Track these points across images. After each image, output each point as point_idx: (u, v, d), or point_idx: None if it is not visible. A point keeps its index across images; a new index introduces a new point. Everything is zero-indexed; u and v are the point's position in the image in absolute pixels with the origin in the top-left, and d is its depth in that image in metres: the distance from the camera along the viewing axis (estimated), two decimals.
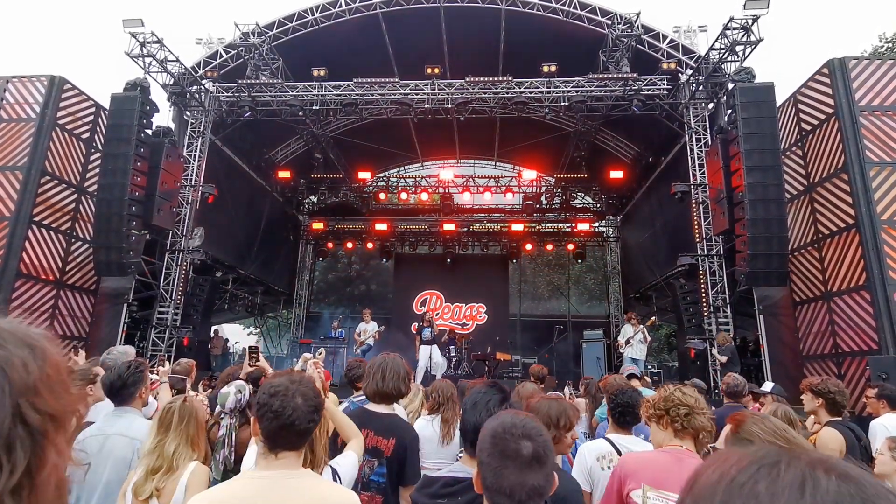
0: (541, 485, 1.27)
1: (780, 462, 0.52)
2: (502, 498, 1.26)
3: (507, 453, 1.28)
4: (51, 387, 0.62)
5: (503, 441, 1.30)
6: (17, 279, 9.35)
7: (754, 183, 9.25)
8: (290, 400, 1.64)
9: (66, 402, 0.64)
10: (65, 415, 0.63)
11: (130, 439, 2.56)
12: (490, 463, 1.29)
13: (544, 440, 1.33)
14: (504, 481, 1.25)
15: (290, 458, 1.65)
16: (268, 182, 17.58)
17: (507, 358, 14.87)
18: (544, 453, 1.30)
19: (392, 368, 2.76)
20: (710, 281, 11.16)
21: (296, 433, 1.64)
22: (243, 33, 12.01)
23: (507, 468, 1.26)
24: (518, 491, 1.24)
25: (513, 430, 1.32)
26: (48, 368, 0.62)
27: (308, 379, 1.79)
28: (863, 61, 9.30)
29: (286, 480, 1.60)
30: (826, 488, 0.48)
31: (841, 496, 0.48)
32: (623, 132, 16.66)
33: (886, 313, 7.94)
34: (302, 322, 20.48)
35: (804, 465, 0.51)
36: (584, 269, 23.03)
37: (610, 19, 11.62)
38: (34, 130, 9.89)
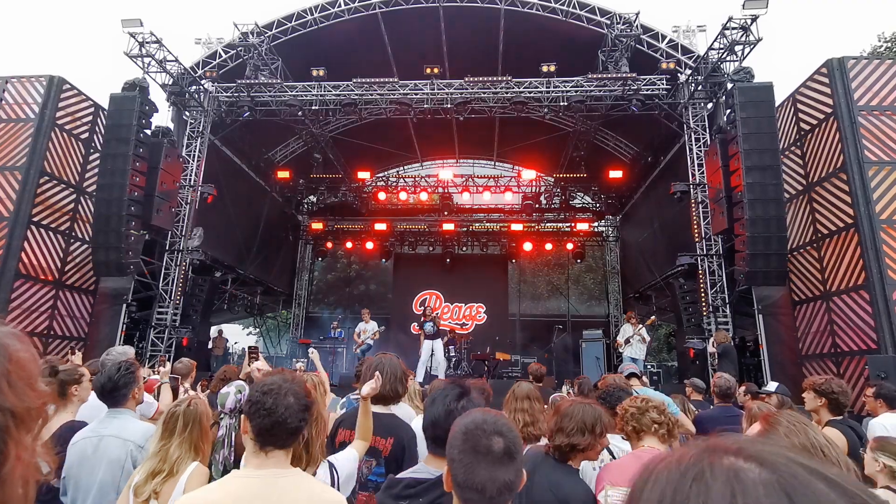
0: (511, 480, 1.28)
1: (703, 471, 0.51)
2: (473, 494, 1.26)
3: (479, 449, 1.29)
4: (12, 383, 0.62)
5: (475, 437, 1.31)
6: (15, 279, 9.34)
7: (753, 183, 9.26)
8: (282, 398, 1.65)
9: (29, 398, 0.64)
10: (27, 411, 0.63)
11: (124, 441, 2.56)
12: (462, 459, 1.30)
13: (514, 436, 1.35)
14: (476, 477, 1.26)
15: (279, 457, 1.66)
16: (267, 182, 17.58)
17: (506, 358, 14.88)
18: (515, 449, 1.31)
19: (389, 370, 2.75)
20: (710, 280, 11.17)
21: (286, 431, 1.64)
22: (242, 33, 12.00)
23: (479, 464, 1.27)
24: (490, 487, 1.25)
25: (484, 427, 1.32)
26: (9, 365, 0.62)
27: (300, 379, 1.79)
28: (862, 61, 9.31)
29: (278, 479, 1.60)
30: (755, 492, 0.47)
31: (769, 497, 0.47)
32: (622, 132, 16.66)
33: (885, 313, 7.95)
34: (301, 322, 20.48)
35: (726, 469, 0.50)
36: (584, 269, 23.00)
37: (609, 19, 11.63)
38: (33, 130, 9.88)
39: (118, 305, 10.75)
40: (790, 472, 0.48)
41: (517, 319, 20.17)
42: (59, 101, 10.29)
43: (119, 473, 2.48)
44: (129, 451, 2.53)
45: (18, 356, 0.64)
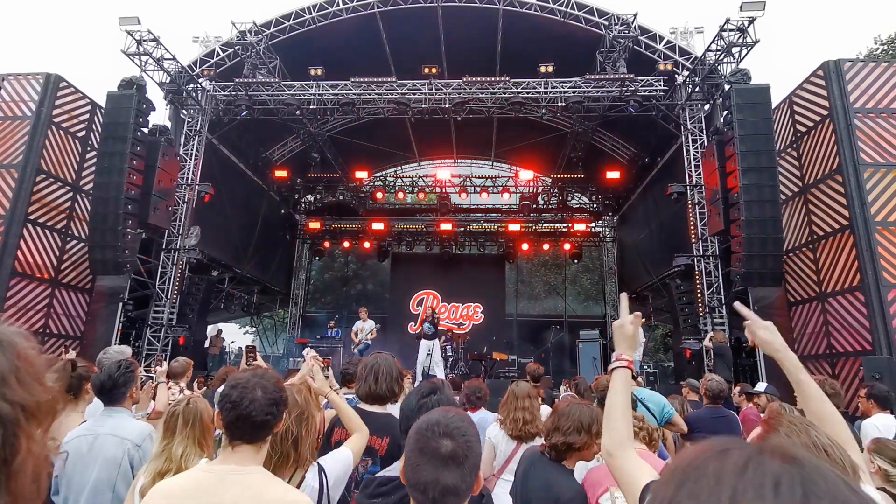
0: (456, 484, 1.25)
1: (730, 448, 0.56)
2: (418, 493, 1.26)
3: (426, 450, 1.28)
4: (21, 379, 0.63)
5: (424, 438, 1.31)
6: (11, 277, 9.31)
7: (750, 184, 9.29)
8: (249, 392, 1.66)
9: (38, 394, 0.66)
10: (37, 406, 0.65)
11: (121, 439, 2.55)
12: (410, 458, 1.30)
13: (466, 440, 1.31)
14: (420, 477, 1.25)
15: (245, 452, 1.66)
16: (264, 181, 17.56)
17: (503, 358, 14.90)
18: (463, 453, 1.29)
19: (385, 370, 2.75)
20: (706, 281, 11.21)
21: (251, 425, 1.65)
22: (240, 32, 11.98)
23: (425, 464, 1.26)
24: (431, 488, 1.24)
25: (435, 428, 1.32)
26: (18, 362, 0.64)
27: (274, 375, 1.79)
28: (858, 63, 9.35)
29: (231, 476, 1.60)
30: (769, 467, 0.52)
31: (782, 473, 0.51)
32: (620, 133, 16.70)
33: (880, 314, 7.99)
34: (298, 322, 20.46)
35: (752, 450, 0.55)
36: (581, 270, 23.07)
37: (607, 20, 11.65)
38: (29, 128, 9.85)
39: (114, 304, 10.72)
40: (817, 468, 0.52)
41: (514, 319, 20.19)
42: (56, 99, 10.25)
43: (115, 472, 2.47)
44: (126, 450, 2.52)
45: (27, 353, 0.67)
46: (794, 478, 0.50)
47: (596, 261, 22.12)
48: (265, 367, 2.16)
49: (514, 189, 18.87)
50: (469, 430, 1.35)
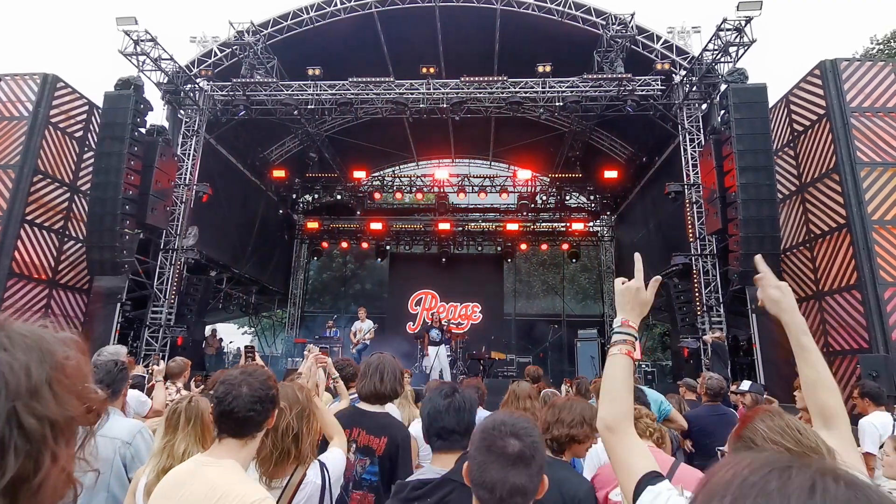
0: (524, 484, 1.27)
1: (791, 467, 0.55)
2: (484, 492, 1.27)
3: (493, 449, 1.29)
4: (55, 392, 0.61)
5: (491, 437, 1.32)
6: (9, 278, 9.29)
7: (747, 183, 9.32)
8: (234, 388, 1.73)
9: (71, 408, 0.63)
10: (67, 421, 0.63)
11: (111, 439, 2.58)
12: (476, 457, 1.31)
13: (533, 441, 1.32)
14: (487, 476, 1.27)
15: (230, 446, 1.74)
16: (262, 181, 17.54)
17: (501, 357, 14.90)
18: (531, 454, 1.30)
19: (390, 370, 2.77)
20: (704, 280, 11.24)
21: (235, 420, 1.71)
22: (238, 32, 11.97)
23: (492, 464, 1.27)
24: (500, 487, 1.25)
25: (502, 427, 1.33)
26: (56, 374, 0.62)
27: (263, 373, 1.85)
28: (854, 63, 9.39)
29: (204, 467, 1.68)
30: (835, 493, 0.51)
31: (849, 499, 0.50)
32: (617, 132, 16.73)
33: (877, 312, 8.02)
34: (297, 321, 20.45)
35: (814, 471, 0.54)
36: (579, 269, 23.09)
37: (604, 20, 11.67)
38: (27, 129, 9.83)
39: (112, 304, 10.70)
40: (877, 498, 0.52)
41: (512, 319, 20.21)
42: (53, 100, 10.23)
43: (108, 472, 2.51)
44: (116, 449, 2.56)
45: (65, 363, 0.64)
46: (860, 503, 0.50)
47: (594, 260, 22.14)
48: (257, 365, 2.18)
49: (513, 189, 18.89)
50: (535, 432, 1.36)
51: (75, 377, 0.65)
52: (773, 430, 1.42)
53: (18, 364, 0.60)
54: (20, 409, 0.58)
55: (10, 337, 0.62)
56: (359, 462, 2.46)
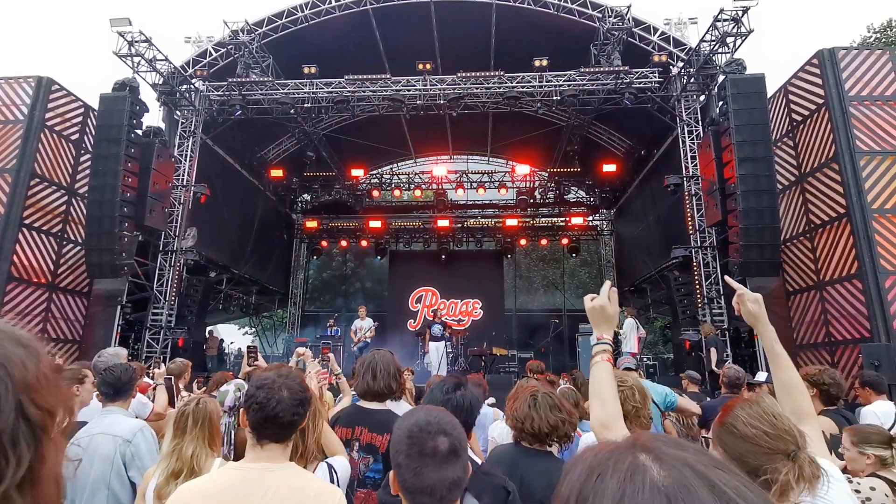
0: (459, 476, 1.28)
1: (608, 467, 0.56)
2: (424, 497, 1.25)
3: (426, 451, 1.28)
4: (46, 384, 0.64)
5: (420, 440, 1.30)
6: (8, 283, 9.27)
7: (746, 174, 9.29)
8: (275, 392, 1.69)
9: (61, 399, 0.66)
10: (50, 419, 0.65)
11: (113, 437, 2.61)
12: (408, 464, 1.28)
13: (458, 433, 1.33)
14: (425, 480, 1.25)
15: (274, 451, 1.69)
16: (260, 181, 17.51)
17: (503, 353, 14.89)
18: (460, 445, 1.31)
19: (382, 366, 2.75)
20: (704, 272, 11.23)
21: (279, 425, 1.68)
22: (233, 31, 11.92)
23: (427, 466, 1.26)
24: (439, 487, 1.24)
25: (428, 428, 1.31)
26: (42, 367, 0.65)
27: (296, 373, 1.81)
28: (852, 51, 9.35)
29: (268, 473, 1.63)
30: (642, 495, 0.51)
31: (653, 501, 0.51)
32: (615, 126, 16.69)
33: (878, 301, 8.01)
34: (297, 321, 20.45)
35: (627, 467, 0.54)
36: (579, 263, 23.08)
37: (601, 12, 11.62)
38: (22, 132, 9.79)
39: (112, 307, 10.69)
40: (680, 476, 0.51)
41: (513, 315, 20.21)
42: (49, 102, 10.18)
43: (109, 469, 2.53)
44: (116, 446, 2.58)
45: (48, 359, 0.67)
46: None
47: (594, 254, 22.13)
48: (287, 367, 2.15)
49: (511, 184, 18.86)
50: (456, 422, 1.37)
51: (53, 370, 0.68)
52: (752, 416, 1.54)
53: (17, 358, 0.62)
54: (24, 400, 0.60)
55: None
56: (362, 460, 2.45)
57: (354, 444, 2.51)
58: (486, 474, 1.85)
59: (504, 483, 1.82)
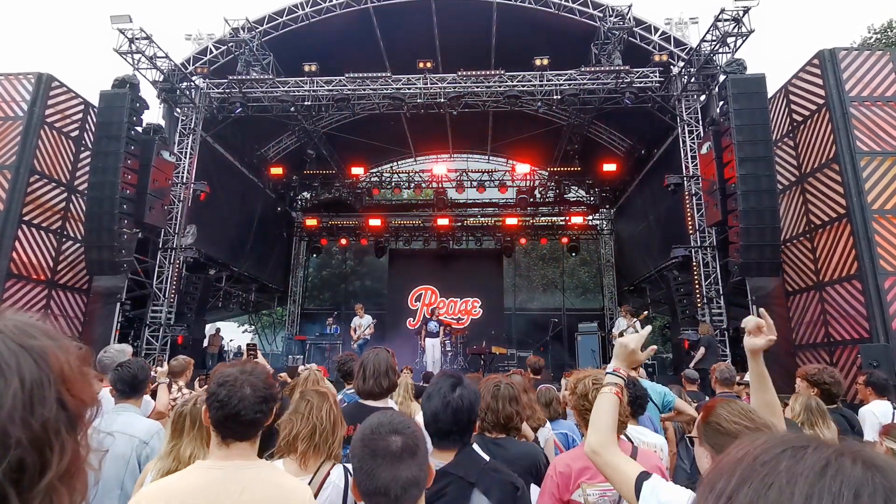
0: (415, 475, 1.26)
1: (807, 446, 0.52)
2: (379, 498, 1.24)
3: (377, 451, 1.27)
4: (79, 376, 0.65)
5: (372, 441, 1.29)
6: (7, 279, 9.27)
7: (746, 174, 9.30)
8: (237, 390, 1.62)
9: (90, 390, 0.67)
10: (83, 412, 0.66)
11: (130, 437, 2.60)
12: (362, 466, 1.28)
13: (412, 431, 1.32)
14: (378, 480, 1.24)
15: (243, 449, 1.64)
16: (260, 179, 17.49)
17: (502, 352, 14.91)
18: (414, 444, 1.29)
19: (373, 366, 2.77)
20: (704, 272, 11.23)
21: (241, 423, 1.61)
22: (233, 29, 11.90)
23: (379, 467, 1.25)
24: (393, 487, 1.23)
25: (380, 429, 1.31)
26: (73, 359, 0.65)
27: (261, 369, 1.74)
28: (853, 52, 9.36)
29: (242, 471, 1.59)
30: (849, 473, 0.48)
31: (864, 481, 0.47)
32: (616, 125, 16.68)
33: (877, 302, 8.03)
34: (297, 319, 20.45)
35: (832, 452, 0.50)
36: (579, 263, 23.08)
37: (601, 12, 11.61)
38: (22, 129, 9.78)
39: (112, 304, 10.70)
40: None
41: (512, 313, 20.21)
42: (49, 99, 10.18)
43: (124, 469, 2.51)
44: (133, 447, 2.57)
45: (77, 351, 0.67)
46: (876, 488, 0.46)
47: (594, 254, 22.13)
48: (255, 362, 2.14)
49: (511, 183, 18.83)
50: (413, 424, 1.35)
51: (82, 362, 0.68)
52: (733, 413, 1.63)
53: (52, 350, 0.62)
54: (62, 392, 0.60)
55: (23, 327, 0.63)
56: None
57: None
58: (494, 471, 1.83)
59: (513, 479, 1.81)
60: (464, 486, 1.71)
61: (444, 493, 1.69)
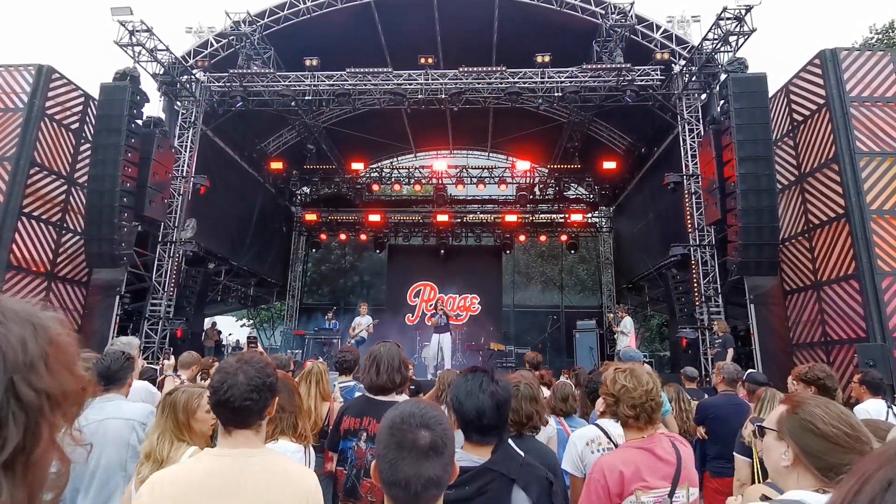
0: (438, 475, 1.23)
1: None
2: (398, 491, 1.22)
3: (404, 444, 1.24)
4: (50, 366, 0.62)
5: (400, 432, 1.26)
6: (7, 271, 9.25)
7: (746, 173, 9.32)
8: (229, 377, 1.66)
9: (66, 382, 0.64)
10: (63, 395, 0.64)
11: (126, 420, 2.63)
12: (386, 455, 1.25)
13: (443, 429, 1.28)
14: (400, 473, 1.21)
15: (246, 436, 1.67)
16: (260, 173, 17.47)
17: (500, 348, 14.97)
18: (443, 442, 1.26)
19: (386, 360, 2.77)
20: (702, 271, 11.27)
21: (231, 410, 1.65)
22: (234, 22, 11.86)
23: (404, 459, 1.22)
24: (414, 482, 1.20)
25: (410, 420, 1.27)
26: (49, 348, 0.63)
27: (259, 359, 1.77)
28: (854, 52, 9.37)
29: (248, 458, 1.63)
30: None
31: None
32: (616, 123, 16.68)
33: (874, 302, 8.07)
34: (295, 314, 20.46)
35: None
36: (577, 260, 23.13)
37: (604, 9, 11.59)
38: (22, 120, 9.74)
39: (111, 297, 10.69)
40: None
41: (511, 310, 20.26)
42: (49, 91, 10.13)
43: (126, 453, 2.55)
44: (132, 428, 2.61)
45: (59, 339, 0.65)
46: None
47: (592, 251, 22.17)
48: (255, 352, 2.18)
49: (511, 180, 18.84)
50: (444, 420, 1.32)
51: (68, 353, 0.66)
52: (832, 416, 1.52)
53: (15, 337, 0.60)
54: (17, 381, 0.59)
55: (3, 312, 0.62)
56: (369, 450, 2.48)
57: (362, 434, 2.54)
58: (530, 466, 1.81)
59: (546, 474, 1.80)
60: (505, 482, 1.70)
61: (486, 489, 1.67)
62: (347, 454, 2.56)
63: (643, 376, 2.17)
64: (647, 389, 2.13)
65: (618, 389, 2.15)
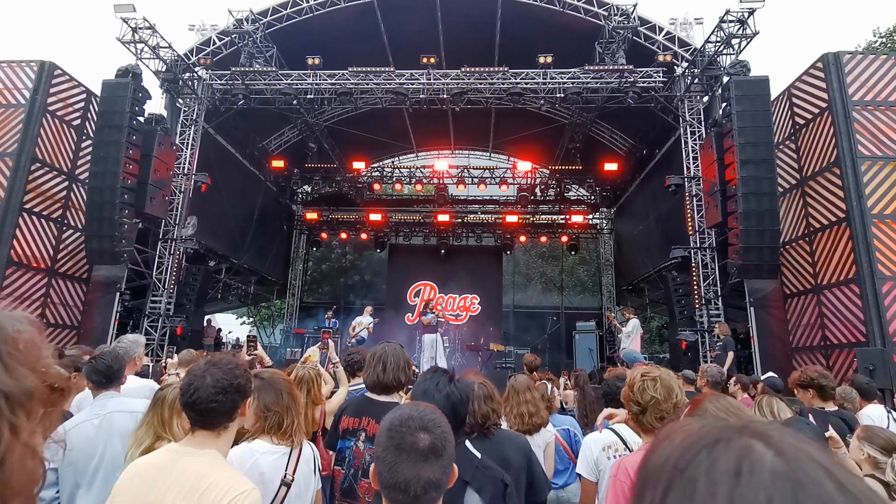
0: (437, 478, 1.23)
1: (719, 441, 0.51)
2: (397, 493, 1.21)
3: (403, 446, 1.24)
4: (8, 365, 0.61)
5: (399, 434, 1.26)
6: (7, 267, 9.26)
7: (747, 176, 9.30)
8: (196, 380, 1.70)
9: (26, 381, 0.63)
10: (24, 394, 0.62)
11: (130, 413, 2.64)
12: (385, 457, 1.24)
13: (442, 432, 1.28)
14: (399, 476, 1.21)
15: (204, 437, 1.71)
16: (261, 171, 17.47)
17: (500, 349, 14.97)
18: (442, 445, 1.26)
19: (392, 359, 2.75)
20: (703, 273, 11.25)
21: (197, 412, 1.69)
22: (237, 20, 11.86)
23: (403, 462, 1.22)
24: (413, 485, 1.20)
25: (409, 423, 1.27)
26: (7, 347, 0.62)
27: (228, 361, 1.79)
28: (857, 56, 9.35)
29: (185, 458, 1.66)
30: (764, 466, 0.48)
31: (777, 477, 0.47)
32: (618, 124, 16.67)
33: (875, 306, 8.06)
34: (295, 312, 20.47)
35: (741, 447, 0.50)
36: (578, 261, 23.13)
37: (606, 10, 11.58)
38: (24, 116, 9.76)
39: (111, 294, 10.70)
40: (805, 467, 0.47)
41: (511, 311, 20.25)
42: (51, 87, 10.15)
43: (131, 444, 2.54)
44: (138, 421, 2.60)
45: (18, 338, 0.64)
46: (786, 485, 0.46)
47: (593, 253, 22.16)
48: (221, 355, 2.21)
49: (512, 180, 18.83)
50: (443, 422, 1.32)
51: (28, 351, 0.65)
52: (720, 408, 1.66)
53: None
54: None
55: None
56: (367, 451, 2.47)
57: (361, 434, 2.53)
58: (485, 468, 1.81)
59: (502, 476, 1.81)
60: (458, 484, 1.70)
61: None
62: (345, 454, 2.55)
63: (674, 388, 2.12)
64: (675, 402, 2.08)
65: (647, 400, 2.10)
